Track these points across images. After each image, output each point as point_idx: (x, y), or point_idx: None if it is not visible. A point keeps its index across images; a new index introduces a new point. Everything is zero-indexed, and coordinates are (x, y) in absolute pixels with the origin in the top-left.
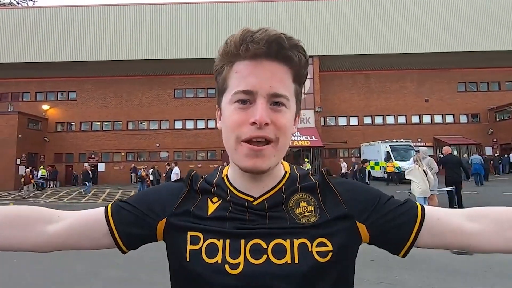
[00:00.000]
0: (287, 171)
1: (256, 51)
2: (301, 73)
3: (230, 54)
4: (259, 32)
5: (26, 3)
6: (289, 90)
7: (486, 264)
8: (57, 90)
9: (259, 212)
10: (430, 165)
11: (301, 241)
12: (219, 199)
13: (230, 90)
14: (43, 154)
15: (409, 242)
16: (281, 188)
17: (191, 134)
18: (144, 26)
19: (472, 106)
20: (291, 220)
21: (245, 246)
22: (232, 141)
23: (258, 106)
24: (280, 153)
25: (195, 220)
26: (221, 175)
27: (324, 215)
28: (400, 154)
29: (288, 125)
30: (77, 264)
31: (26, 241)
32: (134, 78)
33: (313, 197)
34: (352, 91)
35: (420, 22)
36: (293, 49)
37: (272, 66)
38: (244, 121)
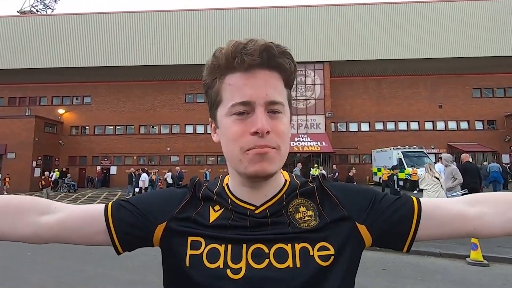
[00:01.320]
0: (287, 179)
1: (252, 62)
2: (291, 78)
3: (221, 67)
4: (250, 43)
5: (45, 11)
6: (283, 96)
7: (505, 277)
8: (72, 94)
9: (261, 219)
10: (454, 175)
11: (302, 245)
12: (221, 208)
13: (226, 103)
14: (57, 157)
15: (410, 236)
16: (282, 196)
17: (201, 139)
18: (156, 33)
19: (488, 113)
20: (292, 225)
21: (247, 250)
22: (236, 152)
23: (258, 115)
24: (283, 158)
25: (196, 226)
26: (222, 184)
27: (323, 219)
28: (412, 160)
29: (286, 131)
30: (88, 266)
31: (15, 231)
32: (146, 83)
33: (312, 201)
34: (364, 97)
35: (434, 27)
36: (283, 56)
37: (265, 75)
38: (244, 132)
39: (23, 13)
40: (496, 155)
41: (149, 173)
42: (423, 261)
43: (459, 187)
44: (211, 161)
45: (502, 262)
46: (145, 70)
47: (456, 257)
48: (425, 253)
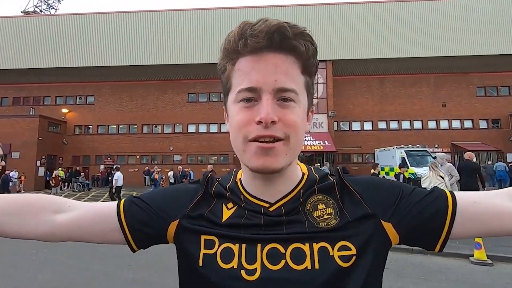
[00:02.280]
0: (305, 173)
1: (256, 45)
2: (310, 63)
3: (231, 51)
4: (258, 23)
5: (48, 11)
6: (297, 83)
7: (509, 276)
8: (76, 94)
9: (276, 218)
10: (451, 173)
11: (321, 245)
12: (234, 205)
13: (234, 89)
14: (61, 156)
15: (443, 235)
16: (299, 192)
17: (204, 138)
18: (159, 32)
19: (492, 111)
20: (310, 224)
21: (262, 250)
22: (239, 142)
23: (264, 103)
24: (293, 152)
25: (209, 224)
26: (235, 179)
27: (344, 217)
28: (416, 159)
29: (299, 122)
30: (93, 265)
31: (31, 229)
32: (149, 82)
33: (332, 198)
34: (366, 96)
35: (437, 25)
36: (298, 37)
37: (275, 59)
38: (250, 120)
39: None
40: (500, 154)
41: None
42: (426, 261)
43: (456, 185)
44: (214, 160)
45: (506, 261)
46: (148, 70)
47: (460, 256)
48: (428, 252)
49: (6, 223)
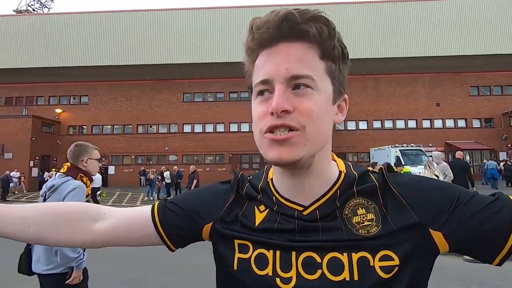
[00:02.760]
0: (342, 170)
1: (264, 37)
2: (327, 46)
3: (247, 50)
4: (265, 16)
5: (41, 10)
6: (313, 68)
7: (503, 273)
8: (69, 94)
9: (310, 223)
10: (445, 172)
11: (361, 254)
12: (266, 208)
13: (253, 85)
14: (55, 157)
15: (506, 249)
16: (335, 193)
17: (199, 138)
18: (154, 32)
19: (485, 111)
20: (348, 231)
21: (297, 258)
22: (257, 135)
23: (275, 94)
24: (312, 143)
25: (242, 229)
26: (267, 179)
27: (387, 225)
28: (410, 159)
29: (317, 109)
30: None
31: (74, 238)
32: (144, 82)
33: (374, 202)
34: (362, 95)
35: (432, 25)
36: (310, 21)
37: (288, 47)
38: (265, 113)
39: (19, 12)
40: (493, 153)
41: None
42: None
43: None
44: (209, 160)
45: None
46: (142, 69)
47: (455, 254)
48: None
49: (43, 234)
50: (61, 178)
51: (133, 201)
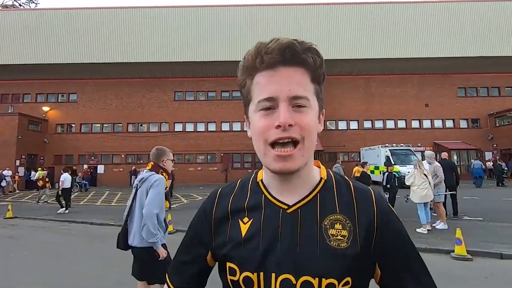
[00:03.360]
0: (323, 177)
1: (271, 61)
2: (318, 73)
3: (249, 68)
4: (271, 43)
5: (28, 5)
6: (308, 90)
7: (487, 270)
8: (57, 91)
9: (292, 224)
10: (436, 172)
11: (330, 281)
12: (249, 218)
13: (254, 100)
14: (42, 156)
15: None
16: (315, 196)
17: (191, 137)
18: (145, 29)
19: (472, 111)
20: (322, 240)
21: (276, 280)
22: (261, 146)
23: (281, 110)
24: (308, 152)
25: (231, 245)
26: (256, 180)
27: (355, 245)
28: (400, 158)
29: (312, 124)
30: (76, 267)
31: None
32: (134, 80)
33: (350, 220)
34: (353, 95)
35: (421, 27)
36: (307, 52)
37: (289, 71)
38: (270, 126)
39: (5, 7)
40: (479, 152)
41: (137, 172)
42: None
43: (443, 184)
44: (201, 160)
45: (484, 256)
46: (133, 67)
47: (442, 252)
48: None
49: None
50: (148, 172)
51: (123, 201)
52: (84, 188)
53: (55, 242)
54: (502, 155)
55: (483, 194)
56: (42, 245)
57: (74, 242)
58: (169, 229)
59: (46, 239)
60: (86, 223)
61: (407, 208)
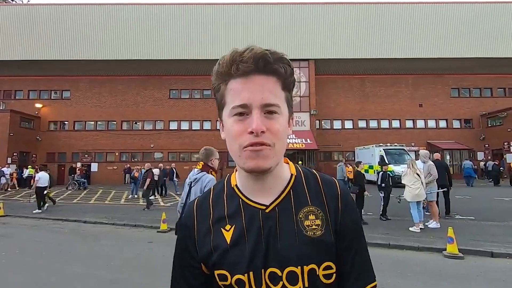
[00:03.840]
0: (293, 173)
1: (246, 69)
2: (288, 81)
3: (223, 74)
4: (246, 51)
5: (21, 0)
6: (279, 98)
7: (478, 268)
8: (50, 88)
9: (272, 223)
10: (430, 171)
11: (310, 267)
12: (231, 225)
13: (228, 105)
14: (35, 153)
15: None
16: (289, 192)
17: (186, 135)
18: (140, 26)
19: (465, 112)
20: (299, 231)
21: (265, 275)
22: (236, 149)
23: (254, 117)
24: (278, 154)
25: (217, 253)
26: (231, 186)
27: (328, 231)
28: (393, 158)
29: (282, 130)
30: (68, 266)
31: None
32: (129, 78)
33: (321, 209)
34: (348, 95)
35: (416, 28)
36: (278, 62)
37: (261, 80)
38: (243, 131)
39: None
40: (471, 152)
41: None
42: (402, 255)
43: (435, 183)
44: (196, 158)
45: (475, 254)
46: (128, 65)
47: (434, 250)
48: (404, 247)
49: None
50: (200, 173)
51: (117, 199)
52: (83, 186)
53: (47, 240)
54: (493, 155)
55: (475, 193)
56: (34, 243)
57: (67, 240)
58: (163, 227)
59: (38, 238)
60: (79, 222)
61: (400, 207)
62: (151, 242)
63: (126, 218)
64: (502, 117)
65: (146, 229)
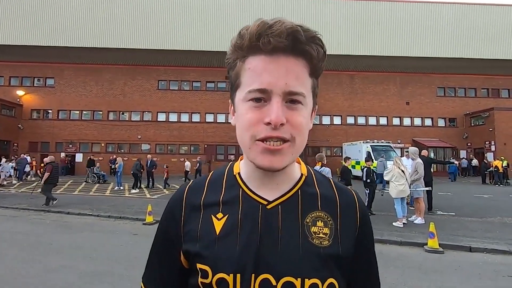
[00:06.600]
0: (304, 173)
1: (278, 45)
2: (318, 67)
3: (244, 47)
4: (276, 24)
5: None
6: (305, 86)
7: (457, 262)
8: (33, 75)
9: (272, 221)
10: (417, 169)
11: (313, 281)
12: (224, 214)
13: (244, 87)
14: (16, 142)
15: None
16: (297, 192)
17: (174, 127)
18: (129, 14)
19: (449, 111)
20: (304, 238)
21: (255, 281)
22: (247, 140)
23: (274, 106)
24: (297, 151)
25: (202, 244)
26: (232, 173)
27: (336, 243)
28: (380, 154)
29: (304, 123)
30: (48, 257)
31: None
32: (116, 66)
33: (332, 218)
34: (337, 91)
35: (405, 27)
36: (310, 42)
37: (287, 62)
38: (259, 120)
39: None
40: (455, 150)
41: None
42: (385, 249)
43: (421, 181)
44: (184, 150)
45: (455, 249)
46: (115, 53)
47: (415, 245)
48: (387, 241)
49: None
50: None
51: (101, 190)
52: (102, 180)
53: (27, 232)
54: (475, 153)
55: (457, 190)
56: (12, 235)
57: (48, 232)
58: (149, 219)
59: (17, 229)
60: (62, 213)
61: (384, 202)
62: (136, 235)
63: (111, 209)
64: (485, 117)
65: (131, 221)
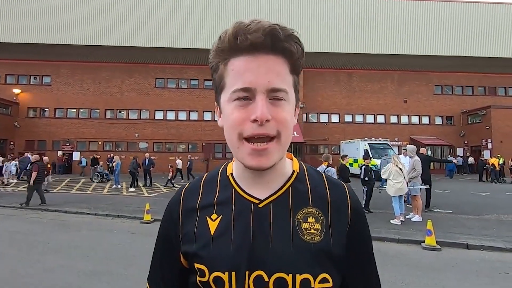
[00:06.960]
0: (296, 170)
1: (255, 41)
2: (298, 64)
3: (224, 50)
4: (253, 23)
5: None
6: (287, 82)
7: (454, 260)
8: (29, 73)
9: (264, 220)
10: (415, 167)
11: (304, 276)
12: (218, 215)
13: (228, 88)
14: (12, 141)
15: None
16: (288, 189)
17: (172, 126)
18: (126, 12)
19: (447, 109)
20: (295, 234)
21: (249, 278)
22: (234, 139)
23: (259, 103)
24: (284, 147)
25: (199, 244)
26: (226, 173)
27: (328, 239)
28: (378, 152)
29: (289, 118)
30: (47, 257)
31: None
32: (113, 65)
33: (323, 213)
34: (335, 89)
35: (403, 25)
36: (289, 39)
37: (268, 60)
38: (245, 118)
39: None
40: (452, 148)
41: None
42: (383, 247)
43: (419, 178)
44: (182, 149)
45: (452, 246)
46: (112, 51)
47: (413, 242)
48: (385, 239)
49: None
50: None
51: (99, 189)
52: (106, 178)
53: (25, 231)
54: (472, 151)
55: (454, 187)
56: (9, 234)
57: (46, 231)
58: (147, 218)
59: (15, 228)
60: (59, 211)
61: (382, 199)
62: (134, 233)
63: (109, 208)
64: (482, 115)
65: (129, 219)
